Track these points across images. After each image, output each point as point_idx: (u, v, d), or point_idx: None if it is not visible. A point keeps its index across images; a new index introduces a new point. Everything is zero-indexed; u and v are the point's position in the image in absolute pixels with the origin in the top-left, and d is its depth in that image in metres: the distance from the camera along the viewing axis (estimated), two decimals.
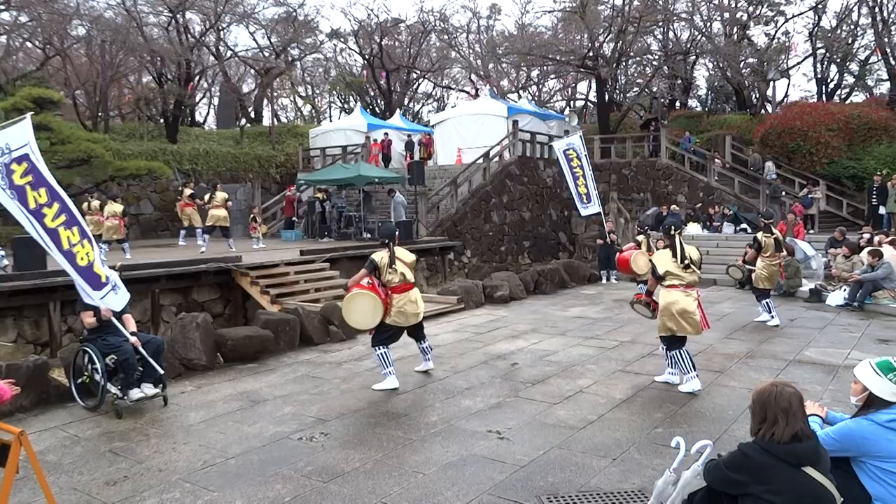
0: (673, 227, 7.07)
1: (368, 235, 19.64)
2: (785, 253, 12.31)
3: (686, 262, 6.94)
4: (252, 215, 18.82)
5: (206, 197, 17.69)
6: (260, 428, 6.04)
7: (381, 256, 7.27)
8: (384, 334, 7.27)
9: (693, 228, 20.12)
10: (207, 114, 45.47)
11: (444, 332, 10.36)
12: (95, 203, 17.10)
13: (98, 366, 6.42)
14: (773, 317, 10.65)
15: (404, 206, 20.19)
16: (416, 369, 7.88)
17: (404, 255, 7.46)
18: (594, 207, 17.88)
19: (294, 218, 22.39)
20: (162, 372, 6.63)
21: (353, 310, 7.11)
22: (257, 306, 12.24)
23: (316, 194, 21.84)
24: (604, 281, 16.53)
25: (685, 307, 6.88)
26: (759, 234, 10.84)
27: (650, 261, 7.23)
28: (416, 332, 7.66)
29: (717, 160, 24.16)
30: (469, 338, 9.90)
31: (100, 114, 26.97)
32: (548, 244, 24.44)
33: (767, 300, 10.75)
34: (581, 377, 7.57)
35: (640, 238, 13.54)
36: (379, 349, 7.23)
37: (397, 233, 7.68)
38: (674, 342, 7.03)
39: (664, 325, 6.97)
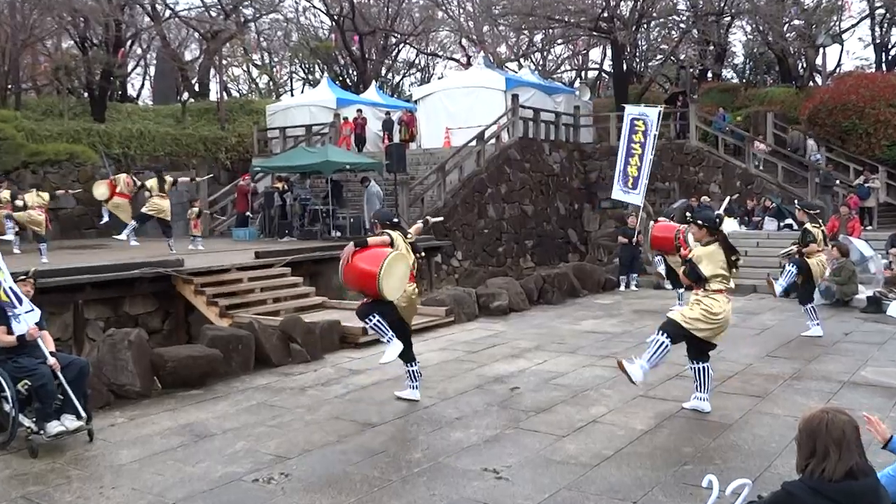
0: (718, 220, 7.23)
1: (338, 234, 19.63)
2: (832, 248, 12.38)
3: (737, 262, 7.15)
4: (195, 209, 18.53)
5: (152, 184, 17.32)
6: (206, 468, 6.02)
7: (395, 236, 7.59)
8: (381, 305, 7.41)
9: (728, 224, 20.18)
10: (142, 87, 45.35)
11: (429, 350, 10.35)
12: (5, 193, 16.96)
13: (8, 393, 6.36)
14: (816, 324, 10.86)
15: (381, 197, 20.15)
16: (397, 394, 7.89)
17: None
18: (635, 197, 18.01)
19: (248, 213, 22.33)
20: (84, 414, 6.57)
21: (393, 272, 7.28)
22: (203, 320, 12.19)
23: (274, 184, 21.78)
24: (622, 288, 16.59)
25: (728, 319, 7.17)
26: (810, 225, 10.90)
27: (688, 261, 7.19)
28: (406, 348, 7.66)
29: (759, 143, 24.27)
30: (460, 357, 9.92)
31: (10, 86, 26.78)
32: (555, 244, 24.51)
33: (811, 304, 10.93)
34: (594, 404, 7.61)
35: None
36: (373, 318, 7.38)
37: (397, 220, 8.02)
38: (703, 353, 7.20)
39: (697, 327, 7.02)
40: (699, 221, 7.23)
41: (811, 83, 32.74)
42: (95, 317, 12.60)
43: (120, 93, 36.40)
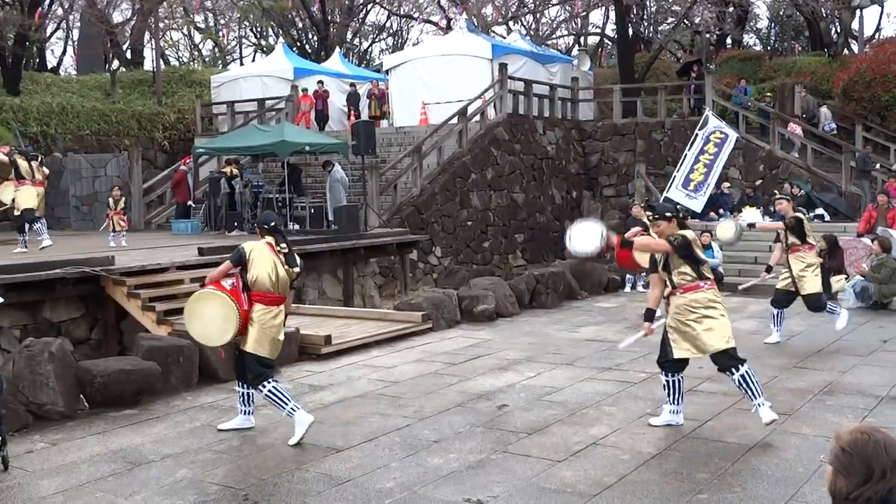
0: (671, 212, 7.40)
1: (296, 227, 19.60)
2: (872, 241, 12.51)
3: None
4: (114, 197, 17.98)
5: (32, 167, 16.51)
6: (142, 500, 6.02)
7: (252, 247, 7.42)
8: (261, 366, 7.35)
9: (750, 215, 20.37)
10: (63, 54, 44.94)
11: (403, 362, 10.38)
12: None
13: None
14: (777, 331, 11.29)
15: (346, 185, 20.12)
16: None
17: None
18: (696, 203, 18.72)
19: (190, 202, 22.24)
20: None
21: (196, 315, 7.35)
22: (138, 328, 12.14)
23: (222, 168, 21.69)
24: (628, 289, 16.71)
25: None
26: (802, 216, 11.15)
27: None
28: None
29: (794, 126, 24.20)
30: (439, 370, 9.95)
31: None
32: (549, 238, 24.59)
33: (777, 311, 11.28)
34: (595, 424, 7.67)
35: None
36: (266, 385, 7.28)
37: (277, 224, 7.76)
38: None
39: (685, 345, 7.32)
40: (659, 215, 7.38)
41: (846, 51, 33.04)
42: (10, 324, 12.50)
43: (37, 61, 36.00)
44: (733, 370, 7.15)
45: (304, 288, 15.97)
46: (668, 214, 7.31)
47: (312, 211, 19.89)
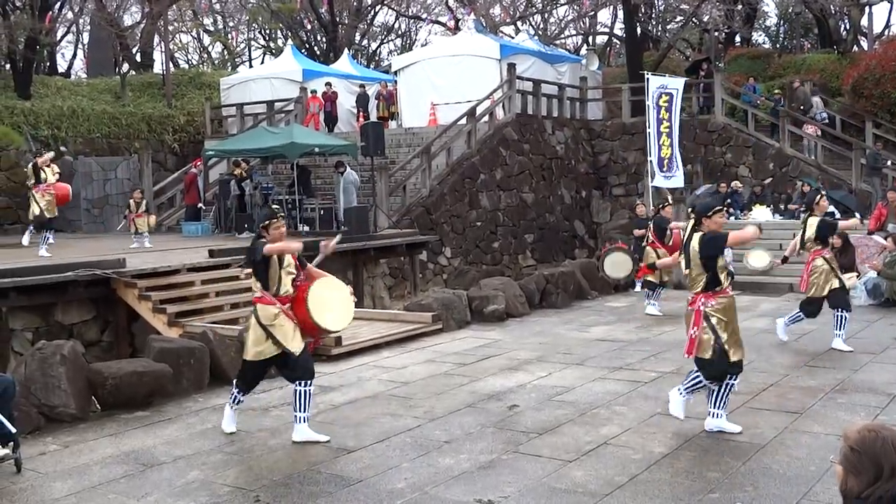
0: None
1: (306, 228, 19.62)
2: (886, 238, 12.45)
3: None
4: (134, 200, 18.08)
5: (38, 167, 16.41)
6: (154, 502, 6.03)
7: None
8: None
9: (760, 213, 20.35)
10: (73, 57, 45.10)
11: (414, 362, 10.39)
12: None
13: None
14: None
15: (357, 185, 20.14)
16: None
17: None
18: (677, 179, 18.50)
19: (200, 205, 22.29)
20: (13, 430, 6.57)
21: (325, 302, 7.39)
22: (149, 330, 12.17)
23: (233, 171, 21.74)
24: (637, 289, 16.65)
25: None
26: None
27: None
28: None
29: (808, 126, 24.00)
30: (449, 370, 9.95)
31: None
32: (559, 238, 24.57)
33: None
34: (606, 424, 7.66)
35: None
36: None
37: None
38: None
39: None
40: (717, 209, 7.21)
41: (855, 48, 32.93)
42: (22, 327, 12.55)
43: (48, 64, 36.14)
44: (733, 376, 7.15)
45: None
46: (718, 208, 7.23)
47: (322, 212, 19.92)
